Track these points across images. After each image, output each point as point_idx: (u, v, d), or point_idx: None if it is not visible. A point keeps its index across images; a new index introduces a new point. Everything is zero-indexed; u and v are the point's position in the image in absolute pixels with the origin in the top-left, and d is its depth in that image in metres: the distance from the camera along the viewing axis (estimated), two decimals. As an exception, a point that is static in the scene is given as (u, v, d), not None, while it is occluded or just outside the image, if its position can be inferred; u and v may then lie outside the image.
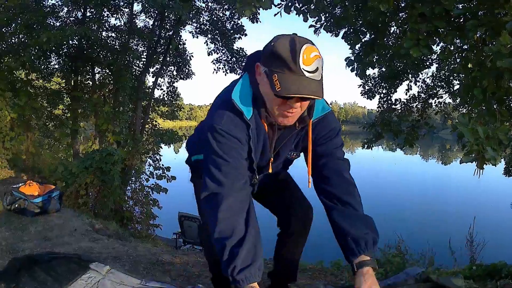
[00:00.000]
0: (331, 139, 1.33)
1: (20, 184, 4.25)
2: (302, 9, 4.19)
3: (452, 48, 3.59)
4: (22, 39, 8.15)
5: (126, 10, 9.86)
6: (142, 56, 10.27)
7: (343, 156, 1.37)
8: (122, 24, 10.12)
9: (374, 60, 4.62)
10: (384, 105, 8.62)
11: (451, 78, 8.11)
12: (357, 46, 5.06)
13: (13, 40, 8.23)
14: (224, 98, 1.23)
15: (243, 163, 1.23)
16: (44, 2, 8.74)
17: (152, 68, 10.58)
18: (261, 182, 1.51)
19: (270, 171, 1.37)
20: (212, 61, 11.37)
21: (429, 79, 8.79)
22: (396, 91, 8.66)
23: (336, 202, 1.29)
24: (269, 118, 1.21)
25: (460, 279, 1.14)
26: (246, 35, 10.85)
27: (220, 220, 1.15)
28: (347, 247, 1.23)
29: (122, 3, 9.71)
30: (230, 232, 1.14)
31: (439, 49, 4.80)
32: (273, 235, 1.72)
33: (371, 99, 8.83)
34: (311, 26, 4.67)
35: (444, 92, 8.72)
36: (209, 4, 10.53)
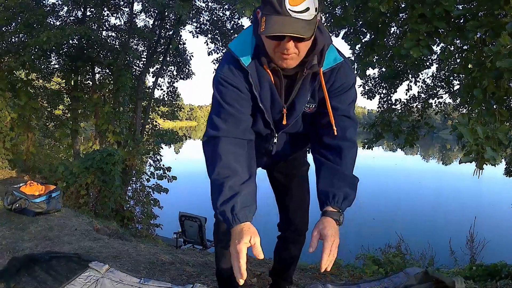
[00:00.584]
0: (342, 93, 1.30)
1: (21, 184, 4.26)
2: (302, 9, 4.19)
3: (452, 48, 3.59)
4: (22, 39, 8.16)
5: (126, 9, 9.89)
6: (142, 56, 10.28)
7: (352, 114, 1.33)
8: (122, 23, 10.15)
9: (374, 61, 4.63)
10: (384, 105, 8.62)
11: (451, 78, 8.10)
12: (357, 47, 5.07)
13: (13, 40, 8.24)
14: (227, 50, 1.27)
15: (243, 111, 1.25)
16: (44, 1, 8.76)
17: (152, 68, 10.59)
18: (278, 157, 1.53)
19: (284, 122, 1.33)
20: (212, 61, 11.38)
21: (429, 79, 8.80)
22: (396, 91, 8.66)
23: (326, 158, 1.31)
24: (271, 64, 1.19)
25: (460, 280, 1.12)
26: (246, 35, 10.87)
27: (220, 161, 1.19)
28: (319, 200, 1.26)
29: (122, 3, 9.73)
30: (230, 172, 1.18)
31: (439, 49, 4.81)
32: (272, 235, 1.75)
33: (371, 99, 8.83)
34: (311, 26, 4.67)
35: (444, 92, 8.72)
36: (209, 3, 10.54)
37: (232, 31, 10.70)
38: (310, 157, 1.57)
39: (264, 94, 1.26)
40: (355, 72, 5.02)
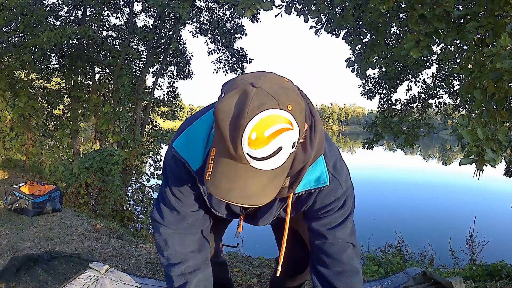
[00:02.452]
0: (329, 215, 1.03)
1: (21, 184, 4.26)
2: (302, 10, 4.20)
3: (452, 49, 3.59)
4: (22, 39, 8.16)
5: (126, 9, 9.88)
6: (142, 56, 10.27)
7: (347, 237, 1.07)
8: (122, 23, 10.14)
9: (374, 61, 4.63)
10: (384, 105, 8.62)
11: (451, 78, 8.11)
12: (358, 47, 5.07)
13: (13, 40, 8.23)
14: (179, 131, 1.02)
15: (189, 206, 1.10)
16: (44, 1, 8.75)
17: (152, 68, 10.59)
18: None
19: (240, 230, 1.15)
20: (212, 61, 11.38)
21: (429, 80, 8.80)
22: (396, 91, 8.67)
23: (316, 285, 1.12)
24: None
25: (459, 281, 1.11)
26: (246, 34, 10.86)
27: (166, 246, 1.15)
28: None
29: (122, 3, 9.72)
30: (179, 258, 1.15)
31: (439, 49, 4.81)
32: (271, 236, 1.71)
33: (371, 100, 8.83)
34: (311, 27, 4.68)
35: (444, 92, 8.72)
36: (209, 3, 10.54)
37: (232, 31, 10.70)
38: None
39: (216, 201, 1.05)
40: (356, 72, 5.03)
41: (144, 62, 10.18)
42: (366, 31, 4.63)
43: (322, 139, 0.89)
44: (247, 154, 0.69)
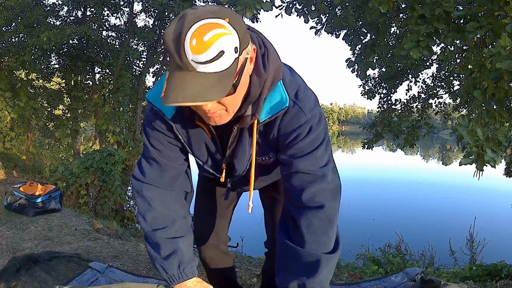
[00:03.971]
0: (294, 144, 0.98)
1: (21, 184, 4.26)
2: (302, 10, 4.21)
3: (452, 49, 3.60)
4: (22, 39, 8.17)
5: (126, 9, 9.87)
6: (142, 56, 10.27)
7: (316, 168, 0.98)
8: (122, 23, 10.14)
9: (374, 61, 4.64)
10: (384, 105, 8.62)
11: (451, 78, 8.11)
12: (358, 47, 5.07)
13: (13, 40, 8.24)
14: None
15: (171, 156, 1.09)
16: (44, 1, 8.75)
17: (152, 68, 10.59)
18: (265, 190, 1.40)
19: (222, 180, 1.14)
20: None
21: (429, 80, 8.81)
22: (396, 91, 8.67)
23: (285, 232, 1.04)
24: (198, 118, 0.97)
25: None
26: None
27: (150, 208, 1.10)
28: None
29: (122, 3, 9.71)
30: (165, 221, 1.09)
31: (439, 50, 4.81)
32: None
33: (371, 99, 8.83)
34: (312, 27, 4.68)
35: (444, 93, 8.73)
36: (209, 3, 10.54)
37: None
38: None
39: (196, 147, 1.08)
40: (356, 73, 5.03)
41: (144, 62, 10.18)
42: (366, 31, 4.63)
43: (279, 67, 0.94)
44: (192, 60, 0.74)
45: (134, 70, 10.22)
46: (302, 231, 0.98)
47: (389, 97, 8.59)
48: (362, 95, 8.89)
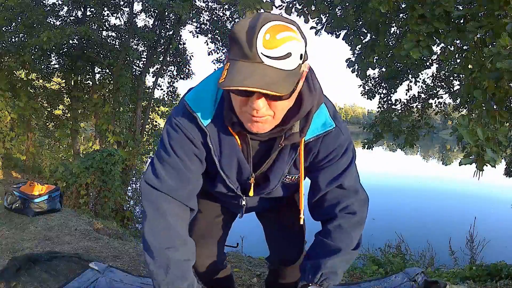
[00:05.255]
0: (331, 164, 1.04)
1: (21, 184, 4.26)
2: (302, 10, 4.20)
3: (452, 49, 3.60)
4: (22, 39, 8.17)
5: (126, 9, 9.88)
6: (142, 56, 10.28)
7: (347, 184, 1.06)
8: (122, 23, 10.14)
9: (374, 61, 4.63)
10: (384, 105, 8.62)
11: (451, 78, 8.11)
12: (358, 47, 5.07)
13: (13, 40, 8.24)
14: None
15: (192, 169, 1.02)
16: (44, 1, 8.75)
17: (152, 68, 10.59)
18: (264, 208, 1.33)
19: (251, 194, 1.09)
20: (212, 61, 11.38)
21: (429, 80, 8.80)
22: (396, 91, 8.67)
23: (320, 234, 1.13)
24: (236, 126, 0.93)
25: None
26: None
27: (163, 222, 1.01)
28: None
29: (122, 3, 9.72)
30: (175, 240, 1.01)
31: (439, 49, 4.81)
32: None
33: (371, 99, 8.82)
34: (312, 27, 4.68)
35: (444, 93, 8.72)
36: (209, 3, 10.54)
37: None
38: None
39: (226, 161, 1.02)
40: (356, 73, 5.02)
41: (144, 62, 10.18)
42: (366, 32, 4.63)
43: (321, 90, 0.97)
44: (261, 53, 0.75)
45: (134, 70, 10.22)
46: (330, 229, 1.09)
47: (389, 97, 8.59)
48: (362, 95, 8.89)
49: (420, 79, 8.51)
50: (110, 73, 9.71)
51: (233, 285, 1.61)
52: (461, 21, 2.95)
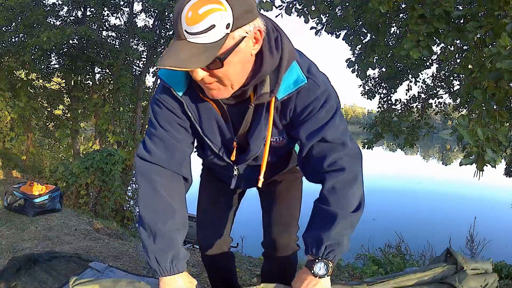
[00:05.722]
0: (309, 119, 1.03)
1: (21, 184, 4.26)
2: (302, 10, 4.20)
3: (452, 49, 3.60)
4: (22, 39, 8.16)
5: (126, 9, 9.88)
6: (142, 56, 10.28)
7: (331, 137, 1.03)
8: (122, 23, 10.14)
9: (374, 61, 4.63)
10: (384, 105, 8.62)
11: (451, 78, 8.11)
12: (358, 47, 5.07)
13: (13, 40, 8.24)
14: None
15: (179, 137, 1.10)
16: (44, 1, 8.75)
17: (152, 68, 10.59)
18: (267, 186, 1.32)
19: (233, 158, 1.14)
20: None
21: (429, 80, 8.80)
22: (396, 91, 8.66)
23: (319, 205, 1.08)
24: (205, 93, 1.00)
25: (488, 263, 1.07)
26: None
27: (154, 195, 1.08)
28: None
29: (122, 3, 9.72)
30: (165, 211, 1.08)
31: (439, 49, 4.81)
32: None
33: (371, 99, 8.82)
34: (312, 28, 4.68)
35: (444, 93, 8.72)
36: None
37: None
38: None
39: (206, 125, 1.09)
40: (356, 73, 5.02)
41: (144, 62, 10.18)
42: (366, 32, 4.63)
43: (292, 49, 1.00)
44: (185, 30, 0.82)
45: (134, 70, 10.22)
46: (325, 193, 1.05)
47: (389, 97, 8.59)
48: (362, 95, 8.89)
49: (420, 79, 8.51)
50: (110, 73, 9.71)
51: (234, 270, 1.64)
52: (461, 21, 2.95)
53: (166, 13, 9.33)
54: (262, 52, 0.94)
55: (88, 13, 9.36)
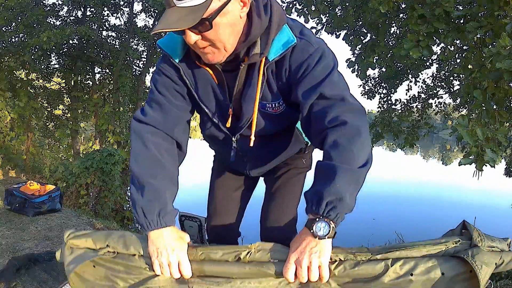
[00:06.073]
0: (306, 76, 1.03)
1: (21, 184, 4.26)
2: (302, 10, 4.21)
3: (452, 49, 3.60)
4: (22, 39, 8.17)
5: (126, 9, 9.88)
6: (142, 56, 10.27)
7: (330, 93, 1.01)
8: (122, 23, 10.14)
9: (374, 61, 4.63)
10: (384, 105, 8.62)
11: (451, 78, 8.11)
12: (358, 47, 5.07)
13: (13, 40, 8.24)
14: None
15: (174, 102, 1.14)
16: (44, 1, 8.75)
17: (152, 68, 10.59)
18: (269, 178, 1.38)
19: (228, 125, 1.15)
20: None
21: (429, 80, 8.80)
22: (396, 91, 8.67)
23: (322, 161, 1.01)
24: (201, 59, 1.05)
25: (505, 244, 0.97)
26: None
27: (145, 151, 1.10)
28: None
29: (122, 3, 9.72)
30: (155, 166, 1.09)
31: (439, 49, 4.81)
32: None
33: (371, 99, 8.82)
34: (312, 27, 4.69)
35: (444, 93, 8.73)
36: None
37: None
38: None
39: (203, 92, 1.13)
40: (356, 73, 5.02)
41: (144, 62, 10.18)
42: (366, 31, 4.63)
43: (282, 13, 1.05)
44: None
45: (134, 70, 10.22)
46: (327, 149, 0.99)
47: (389, 97, 8.59)
48: (362, 95, 8.89)
49: (420, 79, 8.51)
50: (110, 73, 9.71)
51: None
52: (461, 21, 2.95)
53: (166, 13, 9.32)
54: (252, 15, 1.00)
55: (88, 13, 9.36)
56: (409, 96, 8.59)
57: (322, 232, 0.92)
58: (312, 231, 0.92)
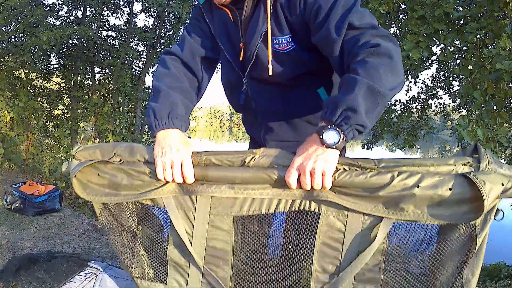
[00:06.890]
0: (330, 6, 1.00)
1: (21, 184, 4.26)
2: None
3: (452, 49, 3.60)
4: (22, 39, 8.16)
5: (126, 9, 9.88)
6: (142, 56, 10.27)
7: (356, 22, 0.98)
8: (122, 23, 10.13)
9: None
10: (383, 106, 8.62)
11: (451, 79, 8.12)
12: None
13: (13, 40, 8.23)
14: None
15: (198, 40, 1.27)
16: (44, 1, 8.76)
17: (152, 68, 10.59)
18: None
19: (240, 59, 1.18)
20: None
21: (429, 80, 8.81)
22: (395, 92, 8.66)
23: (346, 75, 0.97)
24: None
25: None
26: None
27: (169, 72, 1.22)
28: None
29: (122, 3, 9.72)
30: (178, 83, 1.20)
31: (439, 50, 4.82)
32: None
33: (371, 100, 8.83)
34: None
35: (444, 93, 8.73)
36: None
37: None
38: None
39: (219, 30, 1.23)
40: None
41: (144, 62, 10.18)
42: (366, 32, 4.62)
43: None
44: None
45: (134, 70, 10.22)
46: (354, 65, 0.94)
47: (388, 98, 8.58)
48: (362, 96, 8.89)
49: (419, 79, 8.52)
50: (109, 73, 9.70)
51: None
52: (461, 22, 2.95)
53: (166, 13, 9.33)
54: None
55: (88, 13, 9.36)
56: (409, 97, 8.60)
57: (331, 141, 0.88)
58: (321, 137, 0.88)
